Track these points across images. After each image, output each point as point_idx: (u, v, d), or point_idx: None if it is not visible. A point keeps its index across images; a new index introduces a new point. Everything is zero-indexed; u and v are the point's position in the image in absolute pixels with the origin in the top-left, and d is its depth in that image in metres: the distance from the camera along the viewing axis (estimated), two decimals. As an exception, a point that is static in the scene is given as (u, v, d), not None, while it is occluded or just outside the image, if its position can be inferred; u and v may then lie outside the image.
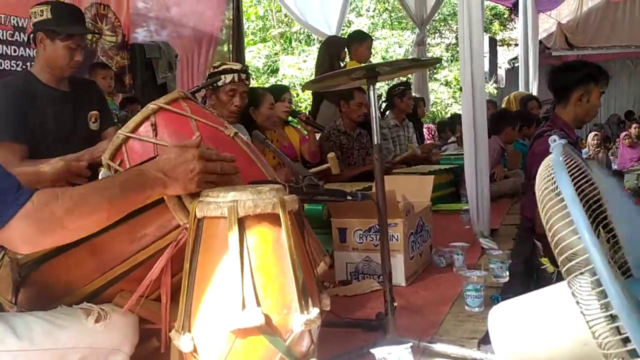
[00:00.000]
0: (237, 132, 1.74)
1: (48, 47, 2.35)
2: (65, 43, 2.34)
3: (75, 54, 2.37)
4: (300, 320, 1.13)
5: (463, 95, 2.85)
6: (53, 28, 2.32)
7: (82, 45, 2.41)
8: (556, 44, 12.07)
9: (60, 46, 2.34)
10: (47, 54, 2.36)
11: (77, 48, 2.38)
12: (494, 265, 2.19)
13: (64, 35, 2.33)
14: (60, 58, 2.35)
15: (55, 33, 2.32)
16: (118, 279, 1.37)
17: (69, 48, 2.35)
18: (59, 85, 2.46)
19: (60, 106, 2.43)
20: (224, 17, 6.51)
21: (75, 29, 2.37)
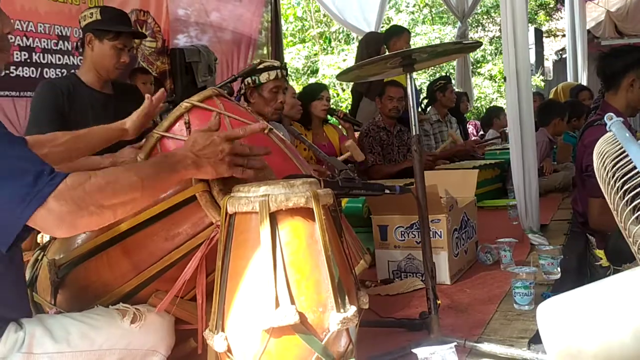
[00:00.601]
0: (272, 128, 1.71)
1: (96, 48, 2.41)
2: (113, 43, 2.40)
3: (122, 54, 2.43)
4: (336, 319, 1.08)
5: (507, 89, 2.74)
6: (102, 27, 2.39)
7: (128, 46, 2.46)
8: (605, 33, 11.62)
9: (108, 46, 2.40)
10: (95, 55, 2.42)
11: (124, 49, 2.43)
12: (544, 261, 2.08)
13: (112, 35, 2.39)
14: (108, 58, 2.41)
15: (104, 32, 2.39)
16: (153, 279, 1.35)
17: (116, 48, 2.40)
18: (103, 88, 2.51)
19: (102, 108, 2.46)
20: (262, 19, 6.53)
21: (123, 28, 2.44)
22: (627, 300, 0.89)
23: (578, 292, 0.93)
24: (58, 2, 3.91)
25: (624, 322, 0.87)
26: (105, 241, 1.36)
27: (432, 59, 1.59)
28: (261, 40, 6.62)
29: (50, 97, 2.39)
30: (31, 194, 1.02)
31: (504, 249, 2.23)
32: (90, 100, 2.46)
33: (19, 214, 1.02)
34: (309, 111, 3.66)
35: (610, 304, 0.88)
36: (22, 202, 1.02)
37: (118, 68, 2.45)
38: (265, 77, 2.83)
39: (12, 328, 1.18)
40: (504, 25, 2.76)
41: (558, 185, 4.08)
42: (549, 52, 12.94)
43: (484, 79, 12.39)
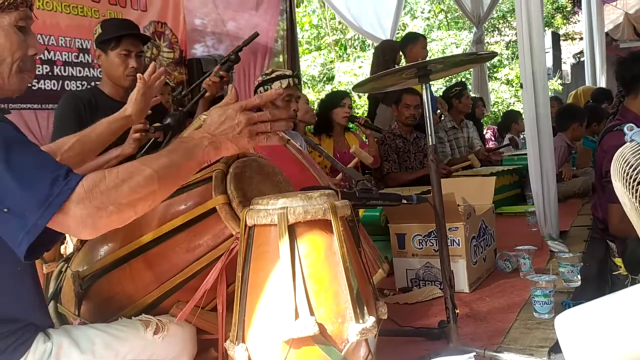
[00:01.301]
0: (289, 139, 1.73)
1: (104, 61, 2.46)
2: (116, 51, 2.42)
3: (128, 60, 2.44)
4: (355, 330, 1.09)
5: (524, 94, 2.74)
6: (103, 38, 2.43)
7: (134, 50, 2.45)
8: (624, 35, 11.49)
9: (113, 55, 2.43)
10: (105, 68, 2.48)
11: (129, 54, 2.43)
12: (564, 268, 2.07)
13: (113, 44, 2.42)
14: (115, 67, 2.44)
15: (106, 44, 2.43)
16: (174, 290, 1.37)
17: (120, 55, 2.42)
18: (123, 99, 2.49)
19: None
20: (278, 27, 6.57)
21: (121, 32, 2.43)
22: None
23: (597, 303, 0.93)
24: (78, 15, 3.98)
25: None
26: (127, 253, 1.38)
27: (447, 69, 1.60)
28: (277, 49, 6.67)
29: (72, 107, 2.43)
30: (48, 200, 1.03)
31: (523, 257, 2.22)
32: (112, 110, 2.47)
33: (36, 220, 1.02)
34: (330, 118, 3.68)
35: (631, 316, 0.88)
36: (40, 208, 1.02)
37: (128, 75, 2.45)
38: (277, 85, 2.86)
39: (41, 339, 1.21)
40: (519, 31, 2.76)
41: (577, 191, 4.04)
42: (567, 55, 12.83)
43: (501, 84, 12.30)
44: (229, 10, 5.83)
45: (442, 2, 12.99)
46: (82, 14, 4.00)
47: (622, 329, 0.86)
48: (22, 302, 1.21)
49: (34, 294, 1.26)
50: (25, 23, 1.26)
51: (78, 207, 1.04)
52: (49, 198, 1.03)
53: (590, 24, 7.80)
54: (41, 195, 1.03)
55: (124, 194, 1.08)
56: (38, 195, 1.03)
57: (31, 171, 1.06)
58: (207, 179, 1.36)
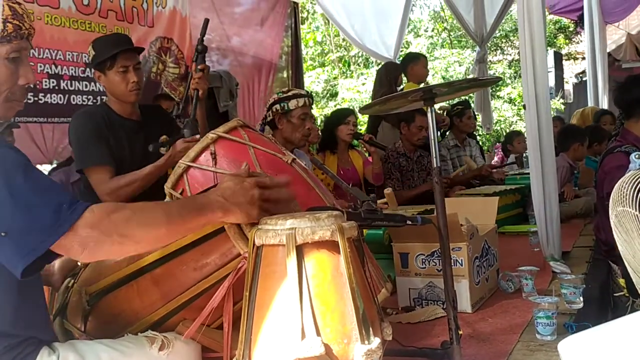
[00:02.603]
0: (295, 158, 1.75)
1: (105, 81, 2.46)
2: (114, 70, 2.40)
3: (128, 76, 2.42)
4: (361, 351, 1.10)
5: (527, 113, 2.76)
6: (97, 60, 2.41)
7: (130, 64, 2.42)
8: (626, 56, 11.56)
9: (112, 74, 2.41)
10: (108, 87, 2.48)
11: (127, 69, 2.41)
12: (567, 290, 2.08)
13: (109, 63, 2.40)
14: (117, 85, 2.43)
15: (101, 65, 2.41)
16: (181, 308, 1.39)
17: (119, 73, 2.40)
18: (131, 115, 2.56)
19: (134, 135, 2.52)
20: (282, 44, 6.64)
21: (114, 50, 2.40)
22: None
23: (602, 329, 0.94)
24: (86, 31, 4.04)
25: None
26: (135, 270, 1.40)
27: (452, 93, 1.63)
28: (281, 65, 6.72)
29: (90, 125, 2.43)
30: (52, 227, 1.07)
31: (526, 277, 2.23)
32: (123, 127, 2.52)
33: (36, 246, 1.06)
34: (335, 135, 3.71)
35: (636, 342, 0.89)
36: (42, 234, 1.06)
37: (132, 90, 2.44)
38: (294, 103, 2.90)
39: (46, 351, 1.22)
40: (522, 51, 2.79)
41: (580, 211, 4.05)
42: (569, 75, 12.90)
43: (504, 102, 12.36)
44: (234, 26, 5.89)
45: (445, 21, 13.11)
46: (89, 30, 4.06)
47: (628, 356, 0.88)
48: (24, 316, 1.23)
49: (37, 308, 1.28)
50: (18, 54, 1.29)
51: (85, 230, 1.08)
52: (53, 225, 1.07)
53: (592, 44, 7.86)
54: (44, 221, 1.07)
55: (132, 227, 1.13)
56: (41, 221, 1.07)
57: (33, 197, 1.10)
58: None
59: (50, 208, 1.08)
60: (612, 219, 1.04)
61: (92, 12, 4.06)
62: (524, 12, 2.72)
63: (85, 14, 4.01)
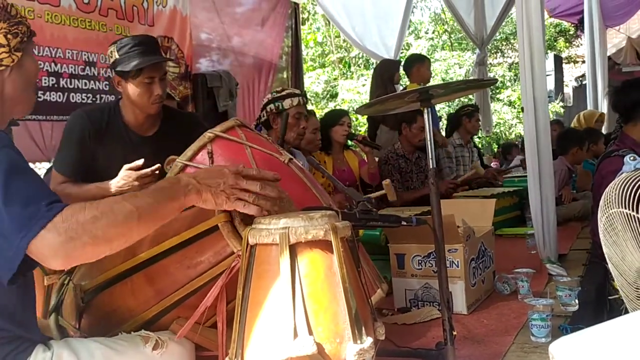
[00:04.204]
0: (292, 158, 1.75)
1: (125, 88, 2.26)
2: (138, 80, 2.21)
3: (152, 88, 2.23)
4: (353, 350, 1.10)
5: (525, 117, 2.77)
6: (121, 69, 2.22)
7: (156, 76, 2.24)
8: (627, 59, 11.57)
9: (134, 84, 2.22)
10: (127, 95, 2.28)
11: (153, 81, 2.23)
12: (562, 292, 2.08)
13: (134, 73, 2.20)
14: (139, 96, 2.23)
15: (125, 73, 2.22)
16: (175, 306, 1.39)
17: (143, 84, 2.21)
18: (141, 126, 2.36)
19: (133, 150, 2.30)
20: (283, 44, 6.64)
21: (142, 63, 2.20)
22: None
23: (592, 331, 0.95)
24: (86, 29, 4.04)
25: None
26: (129, 268, 1.40)
27: (449, 94, 1.63)
28: (281, 65, 6.73)
29: (77, 130, 2.29)
30: (28, 225, 1.05)
31: (522, 279, 2.23)
32: (122, 139, 2.33)
33: (17, 245, 1.05)
34: (329, 136, 3.72)
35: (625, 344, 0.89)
36: (19, 232, 1.05)
37: (154, 103, 2.26)
38: (288, 103, 2.91)
39: (40, 348, 1.23)
40: (521, 55, 2.80)
41: (577, 214, 4.05)
42: (569, 78, 12.92)
43: (503, 105, 12.38)
44: (235, 26, 5.90)
45: (446, 23, 13.13)
46: (89, 28, 4.06)
47: (615, 357, 0.88)
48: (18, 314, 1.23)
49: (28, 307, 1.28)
50: None
51: (51, 235, 1.05)
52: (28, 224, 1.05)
53: (592, 47, 7.88)
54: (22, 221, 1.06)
55: (102, 227, 1.09)
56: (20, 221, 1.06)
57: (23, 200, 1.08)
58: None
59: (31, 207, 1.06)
60: (602, 222, 1.04)
61: (93, 11, 4.07)
62: (523, 15, 2.73)
63: (85, 12, 4.01)
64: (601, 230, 1.06)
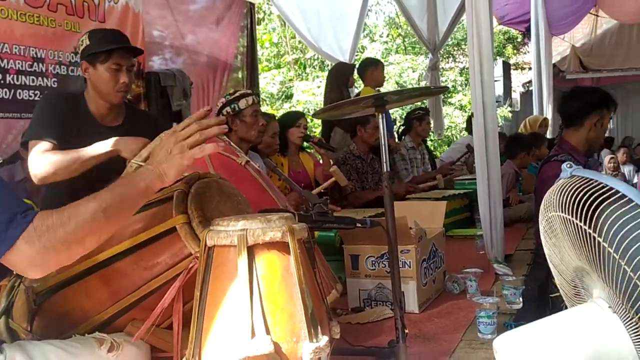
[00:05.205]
0: (249, 160, 1.77)
1: (92, 75, 2.29)
2: (106, 65, 2.26)
3: (119, 75, 2.27)
4: (309, 349, 1.13)
5: (474, 122, 2.87)
6: (91, 51, 2.27)
7: (125, 65, 2.30)
8: (570, 67, 12.06)
9: (102, 69, 2.26)
10: (93, 82, 2.30)
11: (120, 68, 2.28)
12: (507, 291, 2.17)
13: (103, 56, 2.25)
14: (105, 82, 2.27)
15: (95, 56, 2.26)
16: (130, 308, 1.38)
17: (111, 70, 2.26)
18: (105, 117, 2.36)
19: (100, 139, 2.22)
20: (238, 44, 6.60)
21: (112, 45, 2.27)
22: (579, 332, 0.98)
23: (531, 326, 1.01)
24: (34, 24, 3.92)
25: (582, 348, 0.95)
26: (84, 270, 1.39)
27: (403, 100, 1.68)
28: (236, 65, 6.68)
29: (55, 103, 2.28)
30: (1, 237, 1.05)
31: (470, 279, 2.32)
32: (89, 126, 2.32)
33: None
34: (285, 138, 3.74)
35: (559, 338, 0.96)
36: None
37: (119, 91, 2.29)
38: (244, 103, 2.93)
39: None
40: (471, 61, 2.89)
41: (523, 216, 4.21)
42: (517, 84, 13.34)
43: (455, 109, 12.66)
44: (189, 24, 5.82)
45: (400, 27, 13.33)
46: (38, 23, 3.94)
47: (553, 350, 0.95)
48: None
49: None
50: None
51: (25, 247, 1.06)
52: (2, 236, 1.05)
53: (538, 55, 8.17)
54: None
55: (71, 231, 1.10)
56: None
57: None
58: (168, 198, 1.38)
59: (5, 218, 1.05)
60: (543, 224, 1.11)
61: (41, 6, 3.94)
62: (473, 23, 2.82)
63: (33, 7, 3.89)
64: (542, 232, 1.13)
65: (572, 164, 1.04)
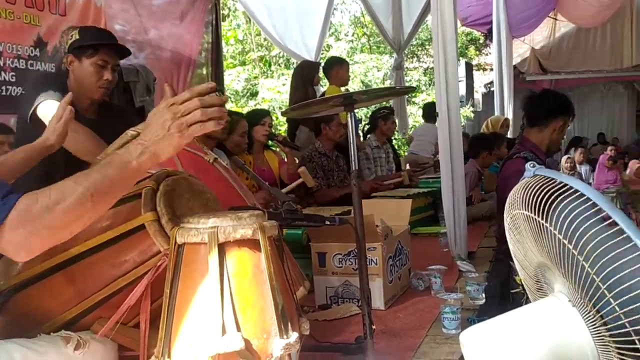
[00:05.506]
0: (217, 157, 1.76)
1: (76, 68, 2.33)
2: (92, 60, 2.30)
3: (103, 72, 2.32)
4: (279, 345, 1.15)
5: (439, 121, 2.91)
6: (79, 44, 2.31)
7: (111, 63, 2.36)
8: (530, 69, 12.39)
9: (87, 63, 2.31)
10: (76, 76, 2.34)
11: (106, 65, 2.33)
12: (471, 287, 2.22)
13: (91, 51, 2.30)
14: (88, 77, 2.31)
15: (82, 50, 2.31)
16: (97, 306, 1.37)
17: (96, 65, 2.31)
18: (86, 111, 2.39)
19: None
20: (202, 40, 6.53)
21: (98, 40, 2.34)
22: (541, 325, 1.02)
23: (496, 321, 1.05)
24: (-8, 16, 3.80)
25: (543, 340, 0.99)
26: (49, 268, 1.36)
27: (371, 99, 1.71)
28: (201, 61, 6.61)
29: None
30: None
31: (435, 276, 2.36)
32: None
33: None
34: (250, 136, 3.73)
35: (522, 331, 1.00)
36: None
37: (101, 87, 2.34)
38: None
39: None
40: (436, 61, 2.93)
41: (485, 214, 4.30)
42: (479, 84, 13.62)
43: (419, 108, 12.83)
44: (152, 19, 5.73)
45: (365, 26, 13.42)
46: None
47: (516, 343, 0.99)
48: None
49: None
50: None
51: (11, 232, 1.04)
52: None
53: (500, 56, 8.35)
54: None
55: (57, 216, 1.07)
56: None
57: None
58: (137, 195, 1.37)
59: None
60: (507, 222, 1.15)
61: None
62: (438, 23, 2.87)
63: (-10, -1, 3.77)
64: (507, 229, 1.17)
65: (535, 164, 1.08)
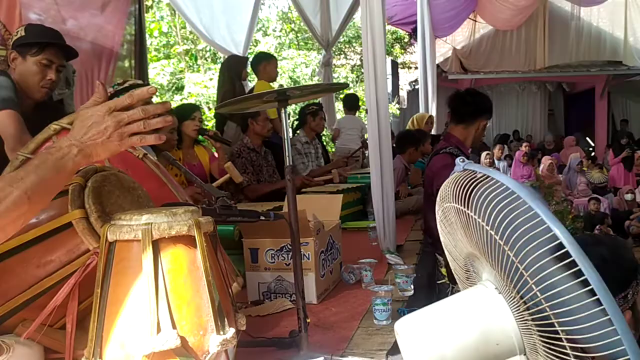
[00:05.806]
0: (146, 153, 1.72)
1: (19, 66, 2.28)
2: (37, 58, 2.27)
3: (48, 71, 2.28)
4: (216, 341, 1.14)
5: (368, 117, 2.97)
6: (24, 42, 2.26)
7: (56, 62, 2.32)
8: (452, 68, 12.88)
9: (31, 62, 2.27)
10: (19, 73, 2.29)
11: (51, 65, 2.30)
12: (400, 279, 2.29)
13: (36, 49, 2.25)
14: (31, 75, 2.27)
15: (27, 48, 2.26)
16: (20, 308, 1.30)
17: (40, 64, 2.27)
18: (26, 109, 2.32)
19: None
20: (124, 32, 6.31)
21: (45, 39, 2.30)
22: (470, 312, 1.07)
23: (428, 310, 1.10)
24: None
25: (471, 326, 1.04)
26: (-34, 270, 1.28)
27: (304, 95, 1.72)
28: (123, 53, 6.39)
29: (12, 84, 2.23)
30: None
31: (365, 269, 2.41)
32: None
33: None
34: (180, 131, 3.65)
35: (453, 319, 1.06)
36: None
37: (44, 87, 2.30)
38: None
39: None
40: (365, 58, 2.99)
41: (412, 208, 4.44)
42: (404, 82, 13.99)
43: (346, 104, 13.00)
44: (70, 8, 5.46)
45: (293, 22, 13.44)
46: None
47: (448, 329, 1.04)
48: None
49: None
50: None
51: None
52: None
53: (424, 55, 8.62)
54: None
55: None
56: None
57: None
58: (64, 192, 1.31)
59: None
60: (439, 214, 1.20)
61: None
62: (367, 21, 2.93)
63: None
64: (438, 222, 1.22)
65: (464, 159, 1.13)
